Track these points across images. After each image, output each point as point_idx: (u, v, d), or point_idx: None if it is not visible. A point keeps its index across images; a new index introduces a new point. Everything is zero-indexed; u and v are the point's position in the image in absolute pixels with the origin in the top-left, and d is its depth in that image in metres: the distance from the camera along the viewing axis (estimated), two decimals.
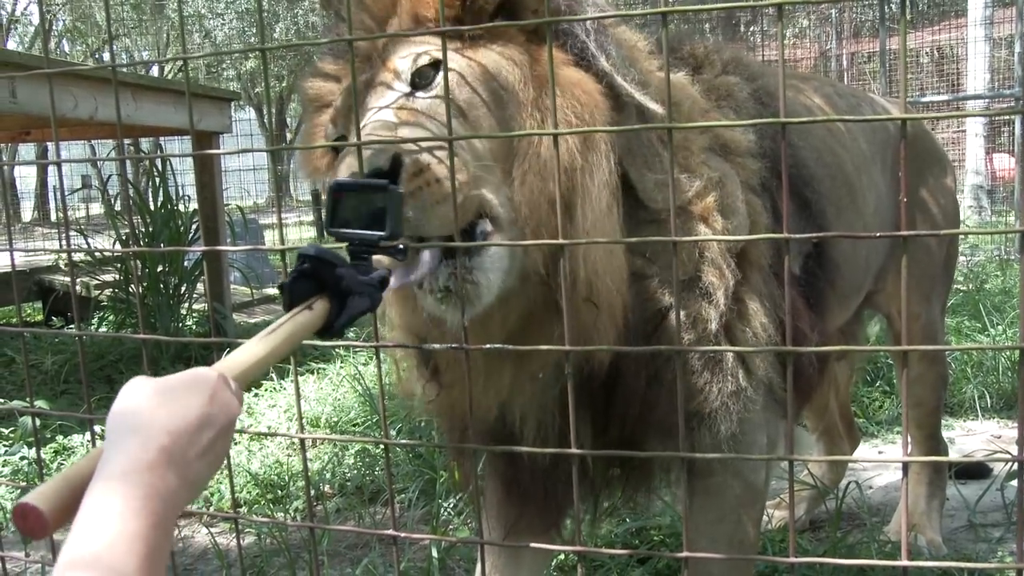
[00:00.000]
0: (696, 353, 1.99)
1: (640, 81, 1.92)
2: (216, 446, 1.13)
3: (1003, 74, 16.06)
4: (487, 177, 1.72)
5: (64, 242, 1.98)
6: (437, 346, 1.70)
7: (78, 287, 7.60)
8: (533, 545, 1.88)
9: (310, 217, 20.07)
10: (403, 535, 1.77)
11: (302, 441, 1.84)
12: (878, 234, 1.52)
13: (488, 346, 1.67)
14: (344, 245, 1.49)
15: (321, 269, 1.39)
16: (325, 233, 1.52)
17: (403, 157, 1.61)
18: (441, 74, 1.73)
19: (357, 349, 6.08)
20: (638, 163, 1.94)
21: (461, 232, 1.66)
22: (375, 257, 1.49)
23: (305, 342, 1.55)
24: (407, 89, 1.78)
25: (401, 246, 1.52)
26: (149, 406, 1.10)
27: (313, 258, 1.39)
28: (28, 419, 4.23)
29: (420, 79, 1.77)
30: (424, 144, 1.65)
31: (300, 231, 19.34)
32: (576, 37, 1.87)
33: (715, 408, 2.01)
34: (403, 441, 1.75)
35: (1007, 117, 15.81)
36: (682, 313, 1.95)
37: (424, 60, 1.77)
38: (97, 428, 4.55)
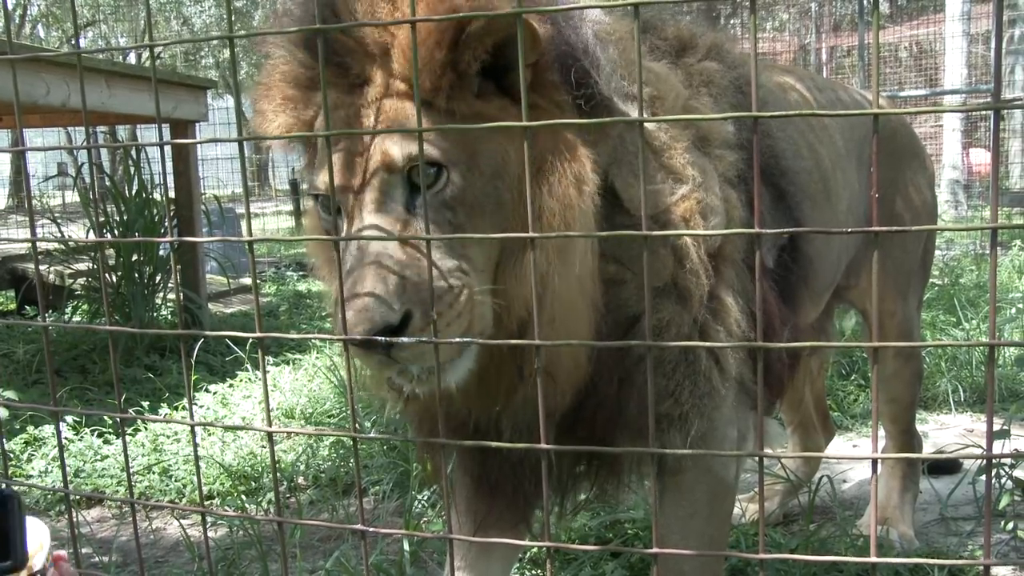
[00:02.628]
0: (669, 356, 1.99)
1: (627, 93, 1.90)
2: None
3: (980, 69, 16.15)
4: (481, 286, 1.73)
5: (31, 228, 1.93)
6: (406, 339, 1.68)
7: (52, 276, 7.58)
8: (503, 541, 1.86)
9: (288, 207, 19.94)
10: (371, 530, 1.75)
11: (270, 435, 1.81)
12: (849, 230, 1.51)
13: (459, 339, 1.65)
14: None
15: None
16: None
17: (414, 311, 1.60)
18: (445, 176, 1.69)
19: (334, 340, 6.03)
20: (624, 172, 1.91)
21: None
22: None
23: (277, 334, 1.53)
24: (405, 200, 1.69)
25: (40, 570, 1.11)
26: None
27: None
28: None
29: (419, 176, 1.67)
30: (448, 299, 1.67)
31: (278, 221, 19.21)
32: (577, 60, 1.81)
33: (686, 410, 2.00)
34: (372, 435, 1.73)
35: (983, 112, 15.91)
36: (655, 318, 1.95)
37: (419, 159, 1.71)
38: (70, 419, 4.54)
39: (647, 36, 2.16)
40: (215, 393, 5.29)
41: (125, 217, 6.85)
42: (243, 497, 3.95)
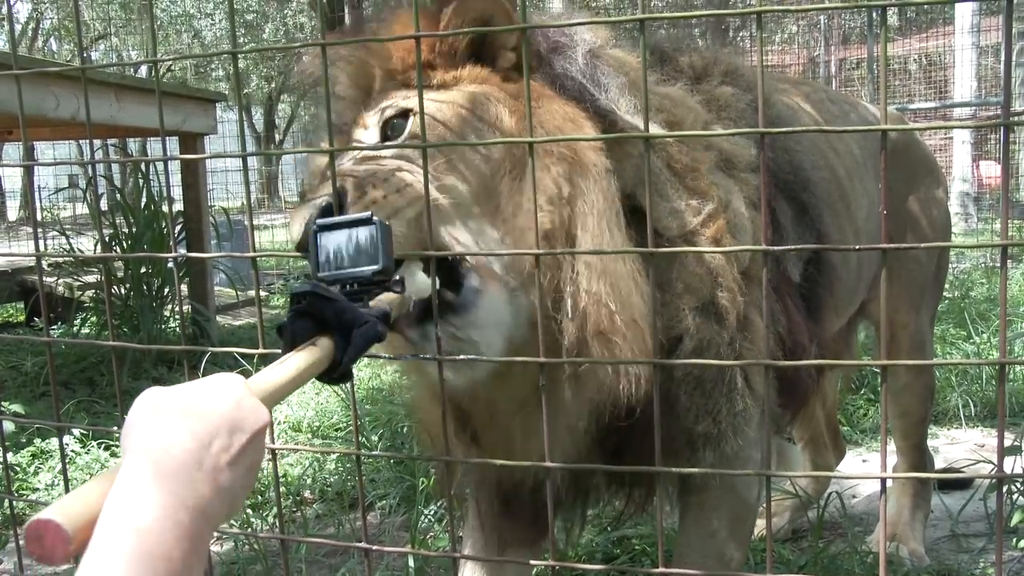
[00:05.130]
0: (708, 375, 1.99)
1: (640, 107, 1.89)
2: (248, 454, 1.01)
3: (990, 82, 16.13)
4: (465, 224, 1.69)
5: (35, 244, 1.93)
6: (410, 356, 1.67)
7: (61, 288, 7.59)
8: (510, 560, 1.85)
9: None
10: (375, 548, 1.74)
11: (273, 452, 1.81)
12: (858, 247, 1.50)
13: (463, 357, 1.64)
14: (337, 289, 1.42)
15: (319, 305, 1.31)
16: (313, 279, 1.44)
17: (345, 184, 1.61)
18: (411, 120, 1.75)
19: None
20: (650, 192, 1.91)
21: (447, 268, 1.65)
22: (373, 301, 1.42)
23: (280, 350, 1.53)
24: (376, 140, 1.79)
25: (398, 277, 1.46)
26: (172, 409, 0.98)
27: (310, 294, 1.31)
28: None
29: (391, 131, 1.78)
30: (377, 169, 1.66)
31: (288, 233, 19.19)
32: (571, 79, 1.84)
33: (723, 429, 2.01)
34: (377, 452, 1.72)
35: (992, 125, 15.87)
36: (696, 339, 1.95)
37: (391, 112, 1.79)
38: (76, 431, 4.53)
39: (662, 68, 2.17)
40: None
41: (134, 229, 6.86)
42: (249, 511, 3.94)
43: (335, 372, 1.31)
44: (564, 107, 1.80)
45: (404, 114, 1.78)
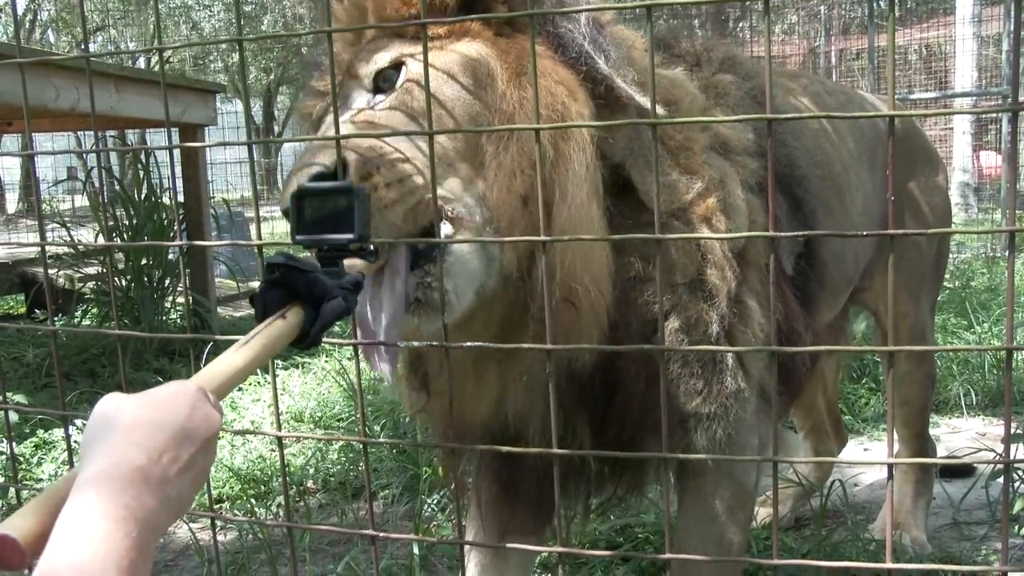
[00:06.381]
0: (698, 353, 1.98)
1: (639, 81, 1.89)
2: (197, 461, 1.07)
3: (990, 72, 16.08)
4: (447, 178, 1.69)
5: (40, 233, 1.93)
6: (418, 343, 1.67)
7: (62, 280, 7.59)
8: (515, 547, 1.85)
9: None
10: (382, 535, 1.75)
11: (279, 440, 1.81)
12: (864, 233, 1.50)
13: (469, 343, 1.64)
14: (313, 252, 1.47)
15: (291, 277, 1.35)
16: (292, 242, 1.51)
17: (348, 157, 1.61)
18: (403, 71, 1.76)
19: (343, 344, 6.04)
20: (640, 164, 1.91)
21: (421, 236, 1.65)
22: (347, 262, 1.47)
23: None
24: (368, 96, 1.80)
25: (371, 247, 1.50)
26: (124, 423, 1.03)
27: (282, 266, 1.36)
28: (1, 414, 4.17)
29: (383, 81, 1.79)
30: (379, 146, 1.65)
31: (287, 225, 19.17)
32: (573, 41, 1.84)
33: (714, 410, 1.99)
34: (382, 440, 1.73)
35: (994, 115, 15.86)
36: (683, 315, 1.94)
37: (384, 62, 1.79)
38: (79, 422, 4.54)
39: (661, 53, 2.18)
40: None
41: (134, 221, 6.85)
42: (253, 501, 3.95)
43: (303, 343, 1.37)
44: (558, 69, 1.79)
45: (396, 66, 1.80)
